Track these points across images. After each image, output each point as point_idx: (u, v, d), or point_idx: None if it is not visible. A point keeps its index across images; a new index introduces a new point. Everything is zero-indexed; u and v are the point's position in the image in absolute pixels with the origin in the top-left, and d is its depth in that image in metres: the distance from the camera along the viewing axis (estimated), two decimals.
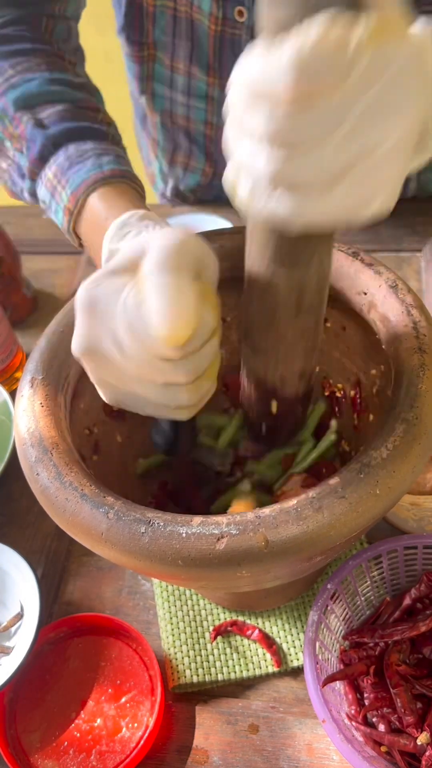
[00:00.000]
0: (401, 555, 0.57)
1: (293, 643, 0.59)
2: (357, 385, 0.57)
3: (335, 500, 0.37)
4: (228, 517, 0.38)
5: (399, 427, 0.39)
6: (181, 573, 0.37)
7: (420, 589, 0.56)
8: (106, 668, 0.59)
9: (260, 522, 0.37)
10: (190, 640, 0.60)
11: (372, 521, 0.38)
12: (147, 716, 0.56)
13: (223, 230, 0.56)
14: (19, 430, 0.44)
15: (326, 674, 0.51)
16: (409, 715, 0.50)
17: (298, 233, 0.36)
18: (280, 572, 0.39)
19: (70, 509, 0.40)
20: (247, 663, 0.59)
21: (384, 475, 0.37)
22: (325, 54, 0.27)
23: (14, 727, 0.57)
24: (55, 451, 0.42)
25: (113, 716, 0.57)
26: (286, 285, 0.42)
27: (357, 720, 0.51)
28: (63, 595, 0.66)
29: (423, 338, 0.44)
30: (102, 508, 0.39)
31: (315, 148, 0.30)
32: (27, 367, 0.48)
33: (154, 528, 0.37)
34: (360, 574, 0.56)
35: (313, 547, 0.36)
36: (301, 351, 0.47)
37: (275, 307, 0.44)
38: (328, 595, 0.54)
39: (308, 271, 0.42)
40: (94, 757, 0.55)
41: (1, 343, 0.80)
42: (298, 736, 0.55)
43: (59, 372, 0.48)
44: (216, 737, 0.56)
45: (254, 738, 0.55)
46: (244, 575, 0.37)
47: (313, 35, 0.27)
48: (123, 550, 0.38)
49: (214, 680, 0.58)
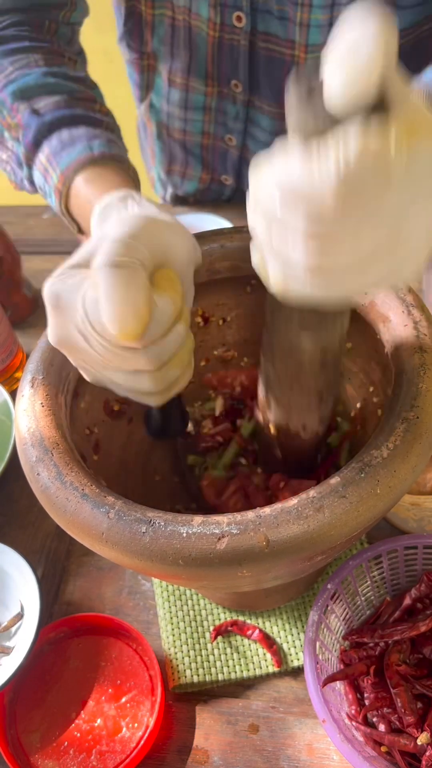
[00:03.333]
0: (401, 555, 0.57)
1: (293, 643, 0.59)
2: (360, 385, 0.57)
3: (336, 500, 0.37)
4: (228, 516, 0.38)
5: (399, 427, 0.39)
6: (182, 573, 0.37)
7: (420, 589, 0.56)
8: (106, 668, 0.59)
9: (261, 521, 0.37)
10: (191, 640, 0.60)
11: (373, 521, 0.38)
12: (147, 716, 0.56)
13: (223, 230, 0.56)
14: (20, 429, 0.44)
15: (326, 674, 0.51)
16: (410, 715, 0.50)
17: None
18: (280, 572, 0.39)
19: (70, 509, 0.40)
20: (247, 663, 0.59)
21: (385, 475, 0.37)
22: (368, 166, 0.28)
23: (14, 727, 0.57)
24: (55, 451, 0.42)
25: (113, 716, 0.57)
26: (311, 347, 0.44)
27: (357, 720, 0.51)
28: (63, 595, 0.66)
29: (423, 338, 0.44)
30: (102, 508, 0.39)
31: (354, 240, 0.31)
32: (27, 367, 0.48)
33: (154, 528, 0.37)
34: (360, 574, 0.56)
35: (314, 546, 0.36)
36: (323, 401, 0.49)
37: (300, 367, 0.46)
38: (329, 595, 0.54)
39: (333, 332, 0.44)
40: (94, 757, 0.55)
41: (2, 343, 0.80)
42: (298, 736, 0.55)
43: (60, 372, 0.48)
44: (216, 737, 0.56)
45: (254, 738, 0.55)
46: (245, 575, 0.37)
47: (354, 148, 0.28)
48: (123, 550, 0.38)
49: (215, 680, 0.58)
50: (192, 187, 1.04)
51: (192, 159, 0.99)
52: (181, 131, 0.95)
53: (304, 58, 0.76)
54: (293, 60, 0.77)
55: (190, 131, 0.94)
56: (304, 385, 0.47)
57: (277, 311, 0.44)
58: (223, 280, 0.57)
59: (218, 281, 0.57)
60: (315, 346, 0.44)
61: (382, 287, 0.35)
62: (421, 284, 0.89)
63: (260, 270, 0.37)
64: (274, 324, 0.45)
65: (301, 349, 0.44)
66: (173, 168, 1.03)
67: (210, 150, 0.96)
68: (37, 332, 0.92)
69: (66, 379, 0.48)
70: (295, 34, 0.74)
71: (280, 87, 0.81)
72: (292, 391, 0.48)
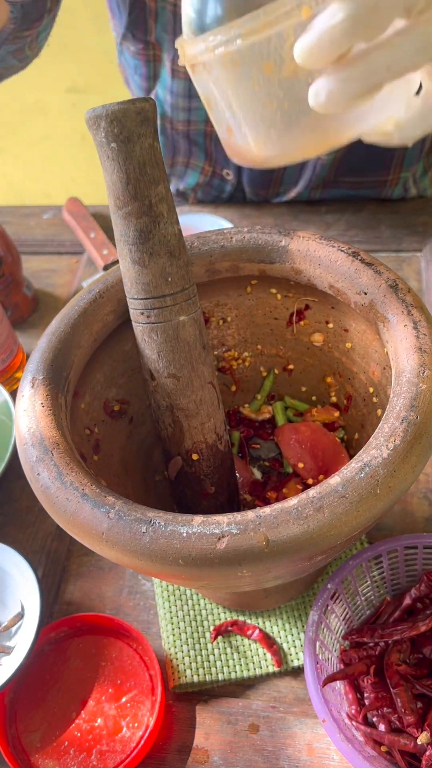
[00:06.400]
0: (401, 555, 0.57)
1: (293, 642, 0.59)
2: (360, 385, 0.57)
3: (336, 499, 0.37)
4: (229, 516, 0.38)
5: (399, 427, 0.39)
6: (182, 573, 0.37)
7: (420, 589, 0.56)
8: (106, 668, 0.59)
9: (261, 521, 0.37)
10: (191, 640, 0.60)
11: (372, 520, 0.38)
12: (147, 716, 0.56)
13: (223, 230, 0.56)
14: (20, 429, 0.44)
15: (326, 674, 0.51)
16: (410, 714, 0.50)
17: None
18: (280, 572, 0.39)
19: (70, 509, 0.40)
20: (247, 663, 0.59)
21: (385, 475, 0.37)
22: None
23: (15, 727, 0.57)
24: (55, 451, 0.42)
25: (114, 716, 0.57)
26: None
27: (357, 720, 0.51)
28: (63, 595, 0.66)
29: (423, 338, 0.44)
30: (103, 508, 0.39)
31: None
32: (28, 367, 0.48)
33: (155, 527, 0.37)
34: (360, 573, 0.56)
35: (314, 546, 0.36)
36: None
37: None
38: (329, 594, 0.54)
39: None
40: (94, 756, 0.55)
41: (2, 343, 0.80)
42: (298, 735, 0.55)
43: (60, 372, 0.48)
44: (216, 737, 0.56)
45: (254, 738, 0.55)
46: (245, 575, 0.37)
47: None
48: (124, 550, 0.38)
49: (215, 680, 0.58)
50: (194, 180, 1.04)
51: (195, 149, 0.99)
52: (185, 122, 0.95)
53: None
54: None
55: (194, 120, 0.94)
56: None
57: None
58: (223, 280, 0.57)
59: (218, 281, 0.57)
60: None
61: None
62: (421, 284, 0.89)
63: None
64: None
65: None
66: (176, 160, 1.03)
67: (213, 139, 0.96)
68: (37, 332, 0.92)
69: (66, 379, 0.48)
70: None
71: None
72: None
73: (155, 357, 0.48)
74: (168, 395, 0.49)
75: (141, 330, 0.48)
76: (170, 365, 0.48)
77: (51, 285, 0.98)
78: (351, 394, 0.58)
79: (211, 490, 0.53)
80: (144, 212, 0.43)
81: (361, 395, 0.57)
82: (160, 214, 0.44)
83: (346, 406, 0.59)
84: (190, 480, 0.53)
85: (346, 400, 0.59)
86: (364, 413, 0.57)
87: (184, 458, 0.51)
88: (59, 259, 1.02)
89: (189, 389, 0.49)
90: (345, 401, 0.59)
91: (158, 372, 0.49)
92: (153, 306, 0.46)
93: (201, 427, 0.51)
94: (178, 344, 0.47)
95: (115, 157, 0.41)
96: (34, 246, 1.04)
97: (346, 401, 0.59)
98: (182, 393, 0.49)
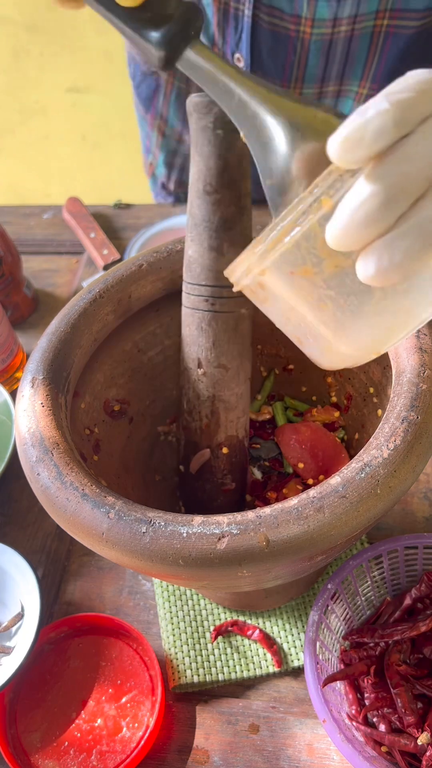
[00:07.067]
0: (401, 555, 0.57)
1: (294, 643, 0.59)
2: (360, 385, 0.57)
3: (336, 499, 0.37)
4: (229, 516, 0.38)
5: (400, 427, 0.39)
6: (182, 573, 0.37)
7: (420, 589, 0.56)
8: (106, 668, 0.59)
9: (261, 521, 0.37)
10: (191, 640, 0.60)
11: (373, 521, 0.38)
12: (147, 716, 0.56)
13: None
14: (20, 429, 0.44)
15: (327, 674, 0.51)
16: (410, 715, 0.50)
17: None
18: (281, 572, 0.39)
19: (70, 509, 0.40)
20: (247, 663, 0.59)
21: (385, 475, 0.37)
22: None
23: (15, 727, 0.57)
24: (55, 451, 0.42)
25: (114, 716, 0.57)
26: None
27: (357, 720, 0.51)
28: (63, 595, 0.66)
29: (423, 338, 0.44)
30: (103, 508, 0.39)
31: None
32: (28, 367, 0.48)
33: (155, 528, 0.37)
34: (360, 574, 0.56)
35: (314, 546, 0.36)
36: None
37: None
38: (329, 595, 0.54)
39: None
40: (94, 757, 0.55)
41: (2, 343, 0.80)
42: (298, 736, 0.55)
43: (60, 372, 0.48)
44: (216, 737, 0.56)
45: (255, 738, 0.55)
46: (245, 575, 0.37)
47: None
48: (124, 550, 0.38)
49: (215, 680, 0.58)
50: None
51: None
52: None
53: (309, 34, 0.76)
54: (298, 37, 0.77)
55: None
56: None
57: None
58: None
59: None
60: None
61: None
62: None
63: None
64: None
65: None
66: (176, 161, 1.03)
67: None
68: (37, 332, 0.92)
69: (66, 380, 0.48)
70: (302, 8, 0.74)
71: (284, 66, 0.81)
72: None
73: (209, 346, 0.48)
74: (213, 385, 0.49)
75: (200, 317, 0.48)
76: (222, 355, 0.48)
77: (51, 285, 0.98)
78: (351, 394, 0.58)
79: (232, 486, 0.53)
80: (233, 202, 0.44)
81: (362, 395, 0.57)
82: (245, 206, 0.45)
83: (346, 406, 0.59)
84: (214, 473, 0.53)
85: (347, 400, 0.59)
86: (365, 413, 0.56)
87: (214, 451, 0.51)
88: (59, 259, 1.02)
89: (234, 382, 0.49)
90: (345, 401, 0.59)
91: (209, 361, 0.48)
92: (221, 294, 0.46)
93: (237, 421, 0.51)
94: (236, 335, 0.48)
95: (218, 144, 0.42)
96: (34, 246, 1.04)
97: (346, 401, 0.59)
98: (227, 385, 0.49)
